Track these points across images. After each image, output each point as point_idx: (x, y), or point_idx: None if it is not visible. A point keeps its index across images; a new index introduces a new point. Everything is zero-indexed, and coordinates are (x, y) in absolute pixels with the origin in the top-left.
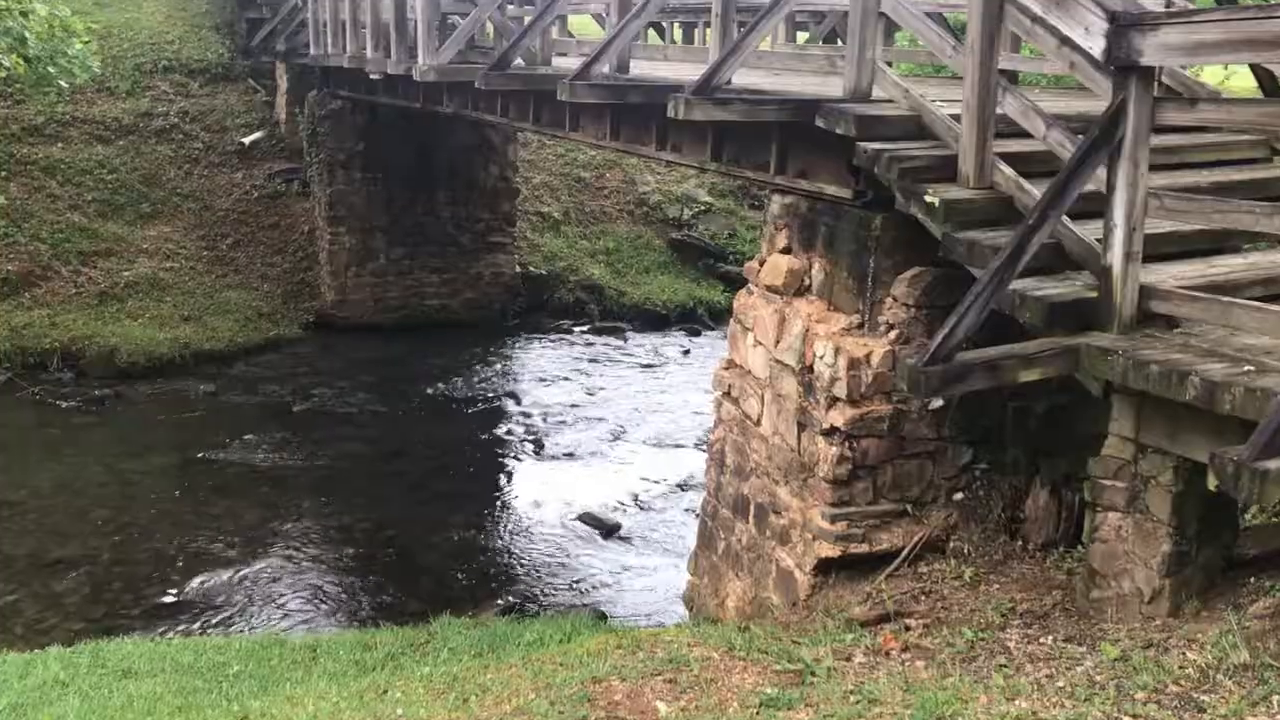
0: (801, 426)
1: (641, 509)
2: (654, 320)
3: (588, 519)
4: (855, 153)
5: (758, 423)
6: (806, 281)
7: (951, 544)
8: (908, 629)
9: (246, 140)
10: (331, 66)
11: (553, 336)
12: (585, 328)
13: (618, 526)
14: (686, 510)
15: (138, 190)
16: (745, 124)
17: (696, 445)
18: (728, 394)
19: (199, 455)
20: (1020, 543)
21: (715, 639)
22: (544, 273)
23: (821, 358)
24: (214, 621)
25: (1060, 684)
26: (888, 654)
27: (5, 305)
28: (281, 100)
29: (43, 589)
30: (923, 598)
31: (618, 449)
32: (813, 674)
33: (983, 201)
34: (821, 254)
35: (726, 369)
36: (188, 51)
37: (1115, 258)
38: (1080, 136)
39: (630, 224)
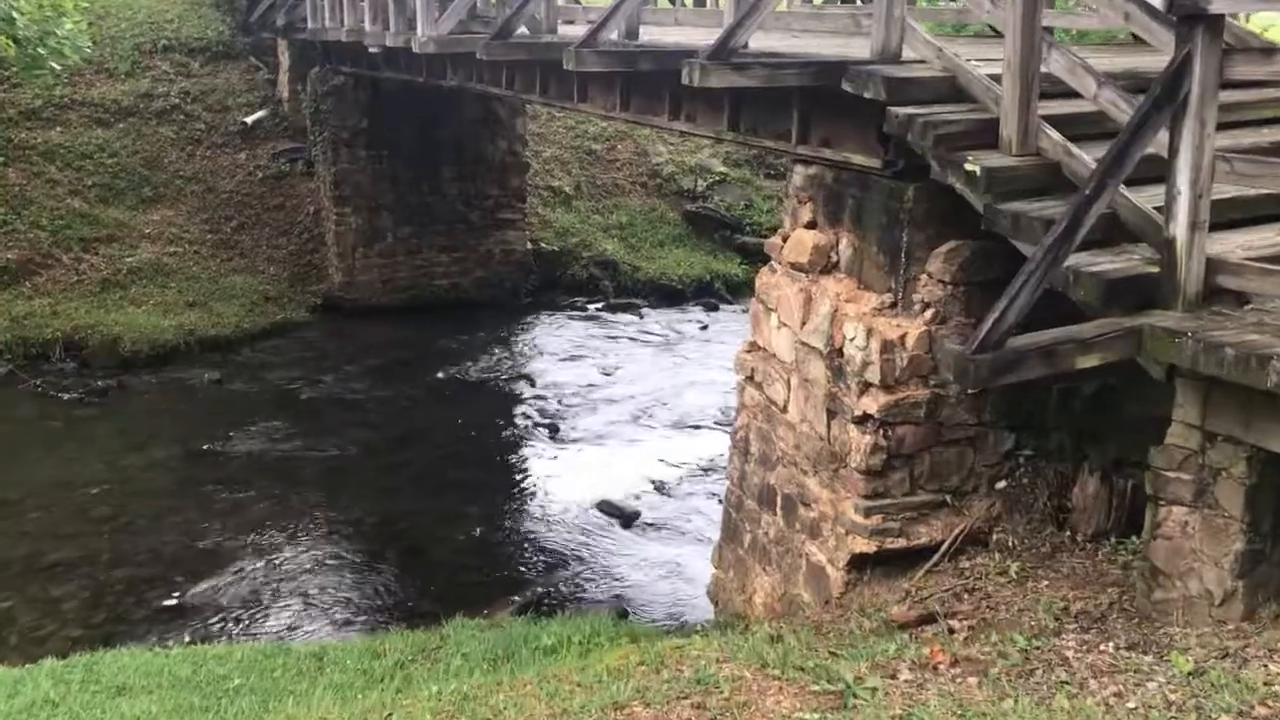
0: (831, 414)
1: (662, 495)
2: (670, 295)
3: (606, 507)
4: (885, 118)
5: (784, 409)
6: (833, 258)
7: (995, 536)
8: (952, 632)
9: (249, 120)
10: (331, 41)
11: (566, 314)
12: (599, 305)
13: (637, 515)
14: (709, 495)
15: (139, 174)
16: (764, 90)
17: (717, 425)
18: (751, 378)
19: (203, 447)
20: (1068, 534)
21: (746, 654)
22: (556, 249)
23: (852, 340)
24: (218, 626)
25: (1132, 704)
26: (935, 669)
27: (5, 295)
28: (284, 78)
29: (40, 594)
30: (966, 596)
31: (636, 431)
32: (855, 696)
33: (1027, 169)
34: (849, 228)
35: (749, 352)
36: (187, 30)
37: (1179, 228)
38: (1135, 96)
39: (643, 197)
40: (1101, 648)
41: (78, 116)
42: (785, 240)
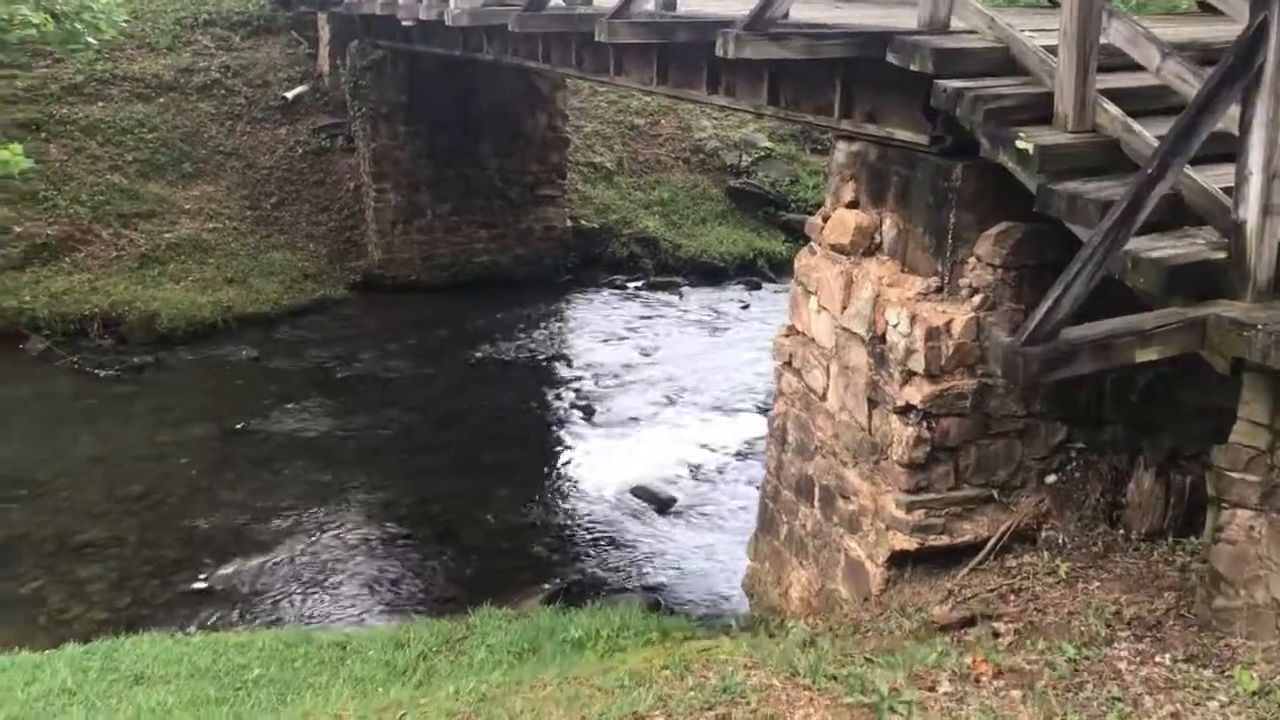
0: (872, 403)
1: (698, 480)
2: (711, 273)
3: (640, 493)
4: (933, 92)
5: (823, 397)
6: (877, 239)
7: (1044, 534)
8: (996, 636)
9: (290, 95)
10: (368, 14)
11: (605, 293)
12: (639, 283)
13: (672, 500)
14: (747, 481)
15: (179, 149)
16: (805, 62)
17: (757, 408)
18: (789, 364)
19: (238, 426)
20: (1122, 532)
21: (776, 660)
22: (596, 226)
23: (895, 326)
24: (242, 612)
25: None
26: (977, 680)
27: (45, 270)
28: (324, 52)
29: (69, 575)
30: (1012, 597)
31: (673, 414)
32: (891, 709)
33: (1084, 146)
34: (894, 208)
35: (787, 336)
36: (228, 3)
37: (1250, 211)
38: (1203, 68)
39: (686, 172)
40: (1157, 659)
41: (119, 91)
42: (826, 220)
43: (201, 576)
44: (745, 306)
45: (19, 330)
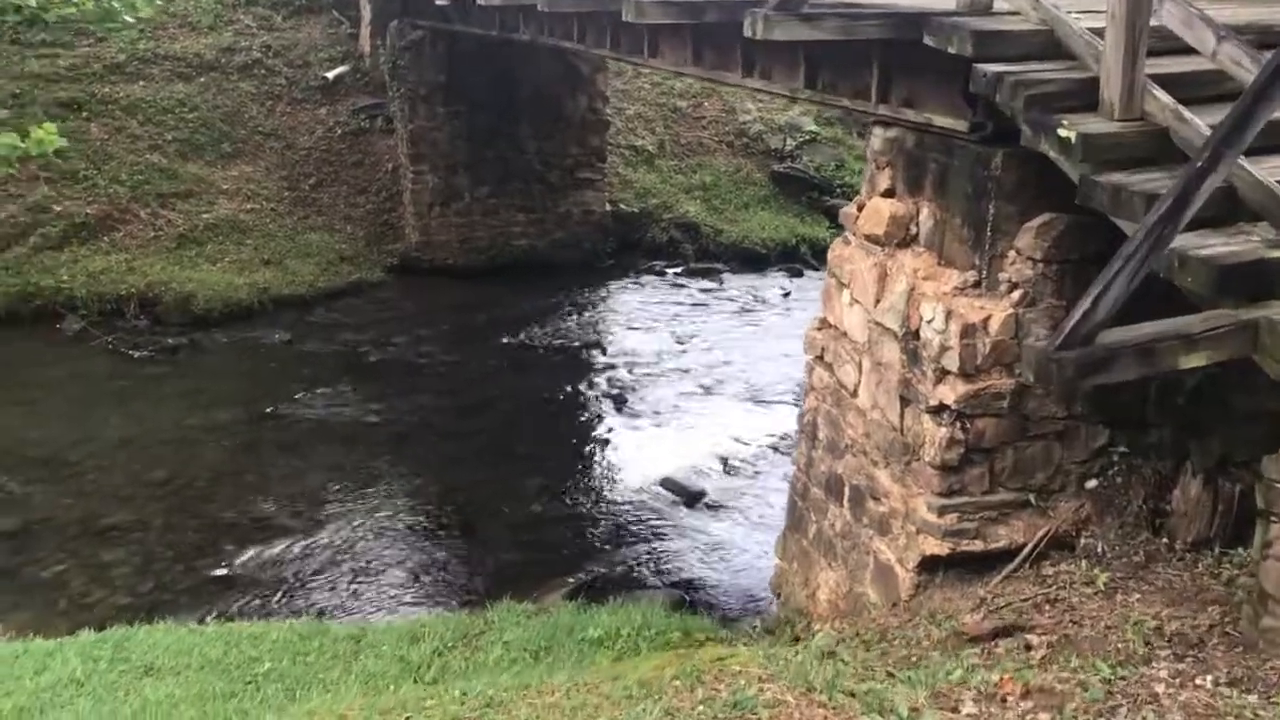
0: (905, 401)
1: (730, 473)
2: (752, 260)
3: (669, 485)
4: (971, 77)
5: (854, 393)
6: (913, 230)
7: (1082, 541)
8: (1028, 649)
9: (330, 75)
10: None
11: (644, 279)
12: (679, 269)
13: (702, 494)
14: (780, 476)
15: (219, 129)
16: (841, 44)
17: (794, 400)
18: (820, 358)
19: (268, 410)
20: (1165, 541)
21: (792, 673)
22: (636, 210)
23: (929, 322)
24: (261, 600)
25: None
26: (1004, 700)
27: (83, 250)
28: (365, 32)
29: (92, 559)
30: (1047, 607)
31: (707, 404)
32: None
33: (1131, 135)
34: (931, 198)
35: (819, 329)
36: None
37: None
38: (1261, 52)
39: (729, 156)
40: (1198, 681)
41: (160, 71)
42: (860, 209)
43: (223, 564)
44: (786, 294)
45: (56, 309)
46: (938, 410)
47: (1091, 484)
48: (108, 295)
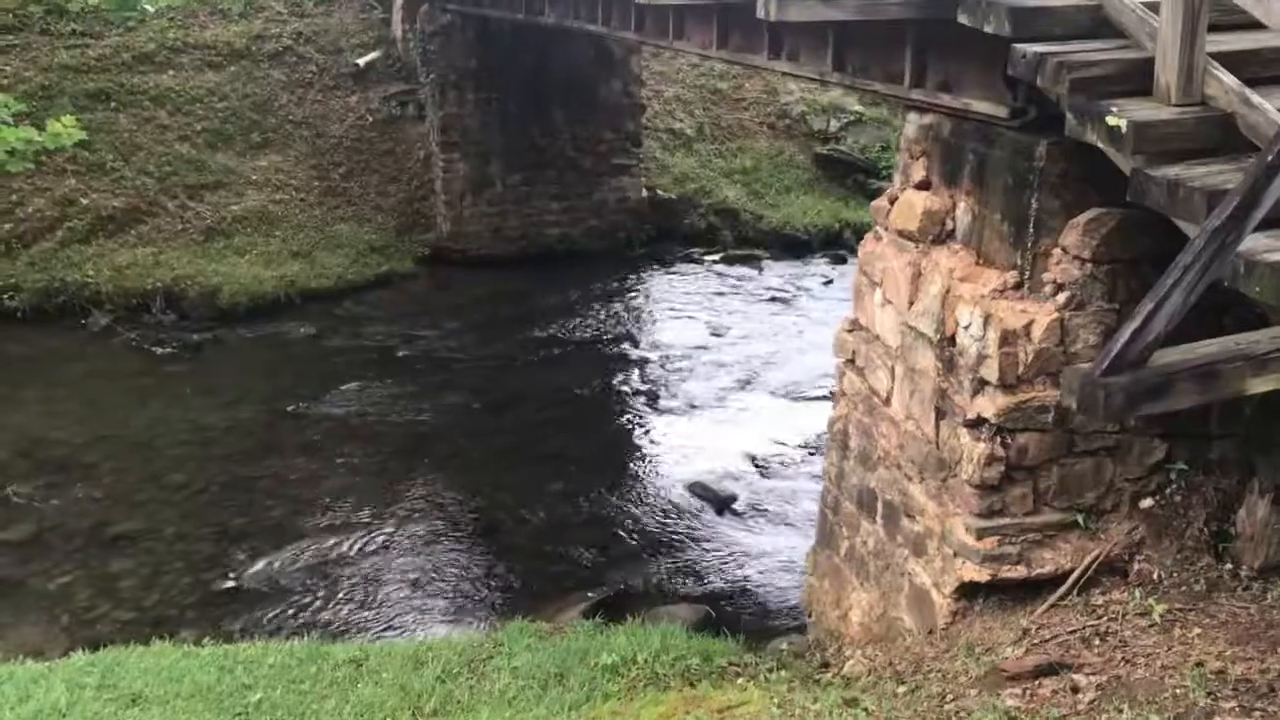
0: (940, 413)
1: (763, 476)
2: (793, 246)
3: (698, 489)
4: (1010, 58)
5: (886, 401)
6: (949, 225)
7: (1136, 566)
8: (1075, 690)
9: (361, 61)
10: None
11: (681, 267)
12: (717, 256)
13: (733, 499)
14: (815, 479)
15: (248, 118)
16: (871, 24)
17: (833, 397)
18: (851, 362)
19: (288, 409)
20: (1229, 567)
21: None
22: (673, 196)
23: (966, 327)
24: (268, 615)
25: None
26: None
27: (110, 243)
28: (397, 17)
29: (99, 568)
30: (1096, 641)
31: (742, 400)
32: None
33: (1190, 123)
34: (969, 190)
35: (850, 331)
36: None
37: None
38: None
39: (771, 139)
40: None
41: (189, 60)
42: (892, 202)
43: (231, 576)
44: (828, 282)
45: (82, 305)
46: (976, 424)
47: (1147, 503)
48: (133, 290)
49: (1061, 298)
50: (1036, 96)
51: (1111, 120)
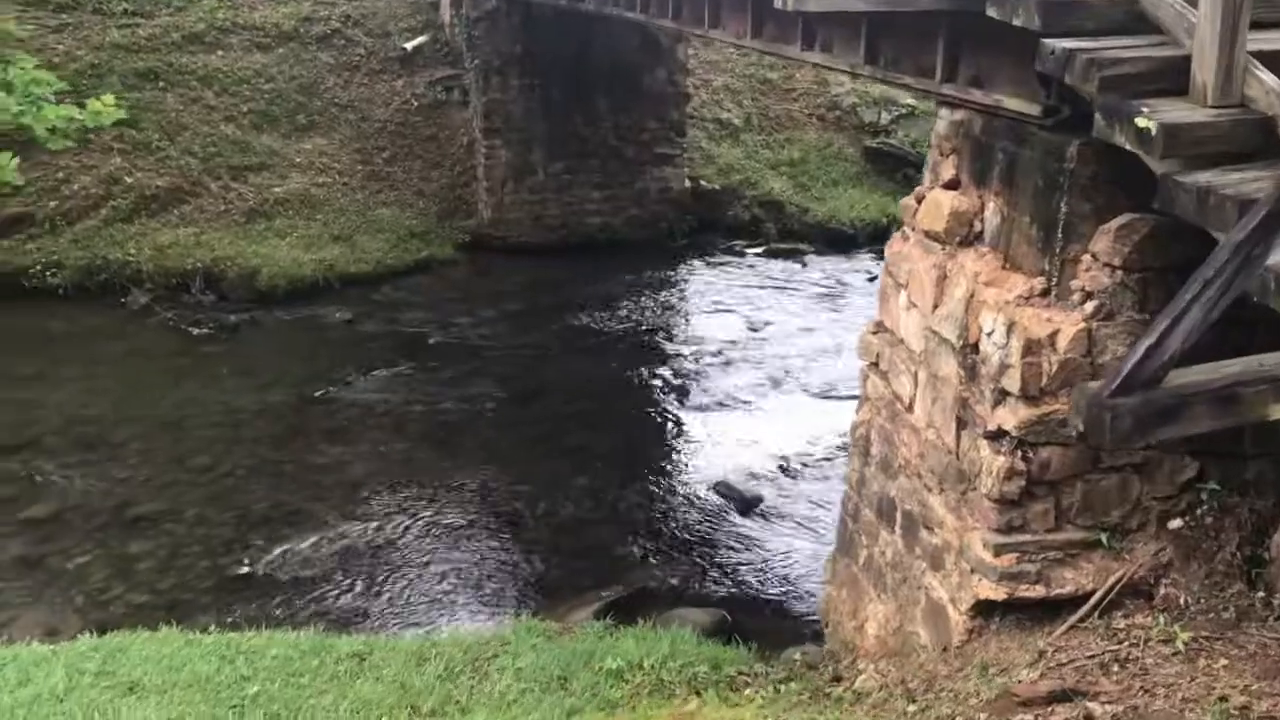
0: (961, 422)
1: (791, 477)
2: (839, 240)
3: (723, 489)
4: (1038, 54)
5: (909, 408)
6: (977, 227)
7: (1162, 590)
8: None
9: (409, 45)
10: None
11: (722, 259)
12: (759, 249)
13: (758, 500)
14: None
15: (294, 100)
16: (903, 16)
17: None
18: (875, 365)
19: (318, 393)
20: (1261, 595)
21: None
22: (717, 187)
23: (989, 335)
24: (278, 604)
25: None
26: None
27: (153, 223)
28: (445, 1)
29: (118, 549)
30: (1115, 668)
31: (774, 398)
32: None
33: (1227, 125)
34: (998, 191)
35: (875, 333)
36: None
37: None
38: None
39: (820, 130)
40: None
41: (238, 40)
42: (920, 201)
43: (247, 561)
44: (873, 278)
45: (123, 284)
46: (996, 436)
47: (1175, 524)
48: (174, 270)
49: (1090, 306)
50: (1070, 95)
51: (1141, 122)
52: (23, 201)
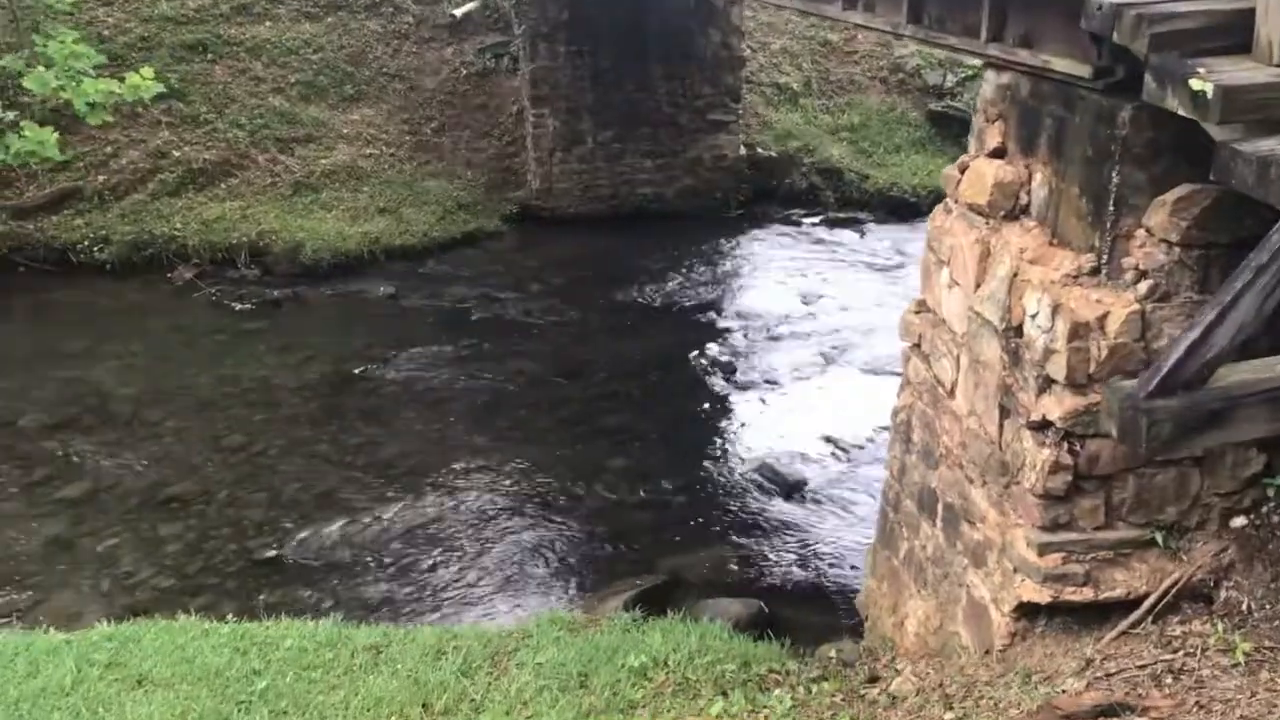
0: (1004, 411)
1: (838, 460)
2: (900, 209)
3: (766, 472)
4: (1084, 10)
5: (950, 393)
6: (1023, 199)
7: (1223, 594)
8: None
9: (458, 12)
10: None
11: (777, 230)
12: (817, 219)
13: (802, 483)
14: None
15: (342, 70)
16: None
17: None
18: (917, 347)
19: (357, 370)
20: None
21: None
22: (774, 154)
23: (1033, 317)
24: (302, 589)
25: None
26: None
27: (200, 197)
28: None
29: (148, 532)
30: (1169, 680)
31: (825, 376)
32: None
33: None
34: (1045, 160)
35: (917, 313)
36: None
37: None
38: None
39: (882, 94)
40: None
41: (287, 10)
42: (963, 171)
43: (275, 545)
44: None
45: (169, 258)
46: (1040, 427)
47: (1239, 522)
48: (219, 244)
49: (1143, 286)
50: (1124, 55)
51: (1196, 84)
52: (71, 176)
